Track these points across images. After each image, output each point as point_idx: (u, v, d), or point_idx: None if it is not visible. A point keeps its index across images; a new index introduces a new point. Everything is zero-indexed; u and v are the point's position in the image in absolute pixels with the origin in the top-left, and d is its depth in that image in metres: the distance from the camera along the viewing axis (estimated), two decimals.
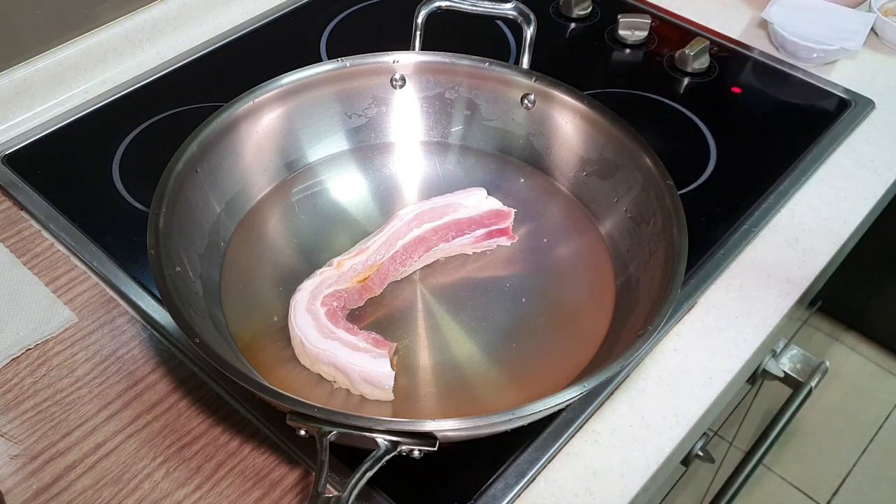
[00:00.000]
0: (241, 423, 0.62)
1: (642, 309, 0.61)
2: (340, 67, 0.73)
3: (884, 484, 1.54)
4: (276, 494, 0.58)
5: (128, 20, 0.91)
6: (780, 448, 1.55)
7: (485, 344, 0.64)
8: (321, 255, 0.69)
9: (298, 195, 0.74)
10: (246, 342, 0.63)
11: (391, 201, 0.75)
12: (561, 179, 0.75)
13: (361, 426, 0.49)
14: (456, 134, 0.78)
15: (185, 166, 0.65)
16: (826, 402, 1.64)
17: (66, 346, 0.66)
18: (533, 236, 0.72)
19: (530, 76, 0.73)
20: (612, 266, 0.69)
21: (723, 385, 0.66)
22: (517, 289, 0.68)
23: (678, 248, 0.60)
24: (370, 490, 0.57)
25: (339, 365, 0.60)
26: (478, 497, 0.58)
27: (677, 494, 0.94)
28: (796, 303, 0.72)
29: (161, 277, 0.57)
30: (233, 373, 0.52)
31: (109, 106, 0.87)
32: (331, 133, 0.76)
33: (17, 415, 0.62)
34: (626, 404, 0.64)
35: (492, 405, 0.60)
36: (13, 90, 0.84)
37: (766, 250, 0.75)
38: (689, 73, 0.91)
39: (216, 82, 0.90)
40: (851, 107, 0.88)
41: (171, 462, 0.59)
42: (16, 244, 0.73)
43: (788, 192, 0.79)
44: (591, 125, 0.72)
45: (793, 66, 0.93)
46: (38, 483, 0.58)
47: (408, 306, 0.67)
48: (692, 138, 0.84)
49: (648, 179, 0.66)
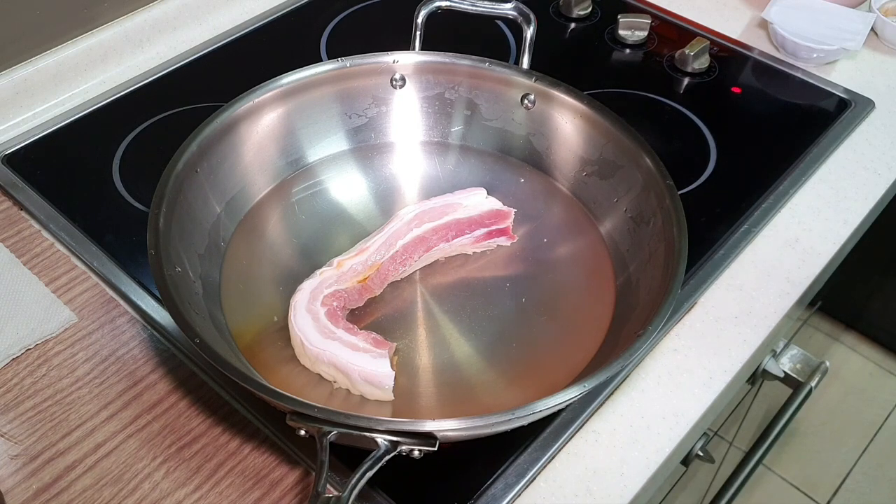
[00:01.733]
0: (241, 423, 0.62)
1: (642, 309, 0.61)
2: (340, 67, 0.73)
3: (884, 484, 1.54)
4: (276, 494, 0.58)
5: (128, 20, 0.91)
6: (780, 448, 1.55)
7: (485, 344, 0.64)
8: (321, 255, 0.69)
9: (298, 195, 0.74)
10: (246, 342, 0.63)
11: (391, 201, 0.75)
12: (561, 179, 0.75)
13: (361, 426, 0.49)
14: (456, 134, 0.78)
15: (185, 166, 0.65)
16: (826, 402, 1.64)
17: (66, 346, 0.66)
18: (533, 236, 0.72)
19: (530, 76, 0.73)
20: (612, 266, 0.69)
21: (723, 385, 0.66)
22: (517, 289, 0.68)
23: (678, 248, 0.60)
24: (370, 490, 0.57)
25: (339, 365, 0.60)
26: (478, 497, 0.58)
27: (677, 494, 0.94)
28: (796, 303, 0.72)
29: (161, 278, 0.57)
30: (233, 373, 0.52)
31: (109, 106, 0.87)
32: (331, 133, 0.76)
33: (17, 415, 0.62)
34: (626, 404, 0.64)
35: (492, 405, 0.60)
36: (13, 90, 0.84)
37: (766, 250, 0.75)
38: (689, 73, 0.91)
39: (216, 82, 0.90)
40: (851, 107, 0.88)
41: (171, 462, 0.59)
42: (16, 244, 0.73)
43: (788, 192, 0.79)
44: (591, 125, 0.72)
45: (793, 66, 0.93)
46: (38, 483, 0.58)
47: (408, 306, 0.67)
48: (692, 138, 0.84)
49: (648, 179, 0.66)
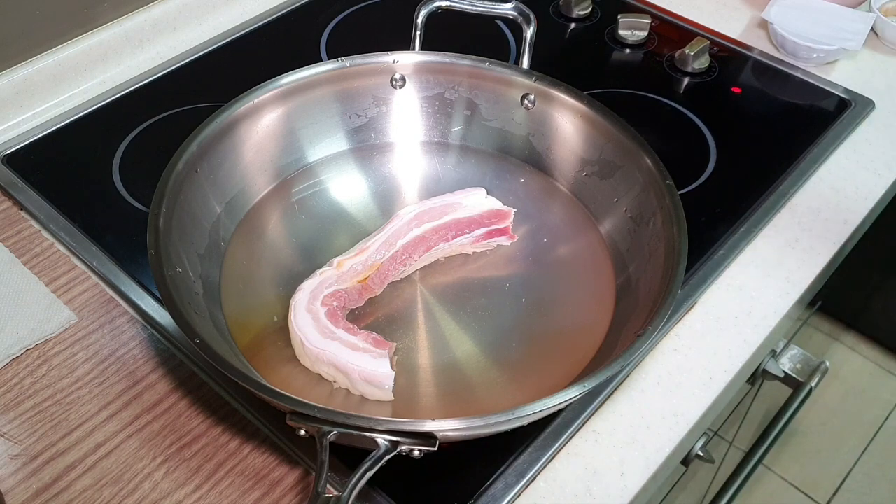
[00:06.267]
0: (241, 423, 0.62)
1: (642, 309, 0.61)
2: (340, 67, 0.73)
3: (884, 484, 1.54)
4: (276, 494, 0.58)
5: (128, 20, 0.91)
6: (780, 448, 1.55)
7: (485, 344, 0.64)
8: (321, 255, 0.69)
9: (298, 195, 0.74)
10: (246, 342, 0.63)
11: (391, 201, 0.75)
12: (561, 179, 0.75)
13: (361, 426, 0.49)
14: (456, 134, 0.78)
15: (185, 166, 0.65)
16: (826, 402, 1.63)
17: (66, 346, 0.66)
18: (533, 236, 0.72)
19: (530, 76, 0.73)
20: (612, 266, 0.69)
21: (723, 385, 0.66)
22: (517, 289, 0.68)
23: (678, 248, 0.60)
24: (370, 490, 0.57)
25: (339, 365, 0.60)
26: (478, 497, 0.58)
27: (677, 494, 0.94)
28: (796, 303, 0.72)
29: (161, 278, 0.57)
30: (233, 373, 0.52)
31: (109, 106, 0.87)
32: (331, 133, 0.76)
33: (17, 415, 0.62)
34: (626, 404, 0.64)
35: (492, 405, 0.60)
36: (13, 90, 0.84)
37: (766, 250, 0.75)
38: (689, 73, 0.91)
39: (216, 82, 0.89)
40: (851, 107, 0.88)
41: (171, 462, 0.59)
42: (16, 244, 0.73)
43: (788, 192, 0.79)
44: (591, 125, 0.72)
45: (793, 66, 0.93)
46: (38, 483, 0.58)
47: (408, 306, 0.67)
48: (692, 138, 0.84)
49: (648, 179, 0.66)
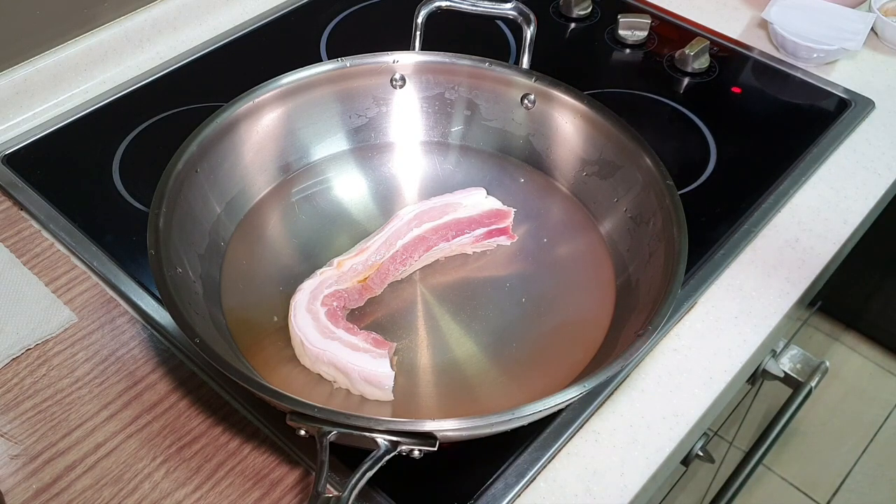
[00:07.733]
0: (241, 423, 0.62)
1: (642, 309, 0.61)
2: (340, 67, 0.73)
3: (884, 484, 1.54)
4: (276, 494, 0.58)
5: (128, 20, 0.91)
6: (780, 448, 1.55)
7: (485, 344, 0.64)
8: (321, 255, 0.69)
9: (298, 195, 0.74)
10: (246, 342, 0.63)
11: (391, 201, 0.75)
12: (561, 179, 0.75)
13: (361, 426, 0.49)
14: (456, 134, 0.78)
15: (185, 166, 0.65)
16: (826, 402, 1.64)
17: (66, 346, 0.66)
18: (533, 236, 0.72)
19: (530, 76, 0.73)
20: (612, 266, 0.69)
21: (723, 385, 0.66)
22: (517, 289, 0.68)
23: (678, 248, 0.60)
24: (370, 490, 0.57)
25: (339, 365, 0.60)
26: (478, 497, 0.58)
27: (677, 494, 0.94)
28: (796, 303, 0.72)
29: (161, 278, 0.57)
30: (233, 373, 0.52)
31: (109, 106, 0.87)
32: (331, 133, 0.76)
33: (17, 415, 0.62)
34: (626, 404, 0.64)
35: (492, 405, 0.60)
36: (13, 90, 0.84)
37: (766, 250, 0.75)
38: (689, 73, 0.91)
39: (216, 82, 0.89)
40: (851, 107, 0.88)
41: (171, 462, 0.59)
42: (16, 244, 0.73)
43: (788, 192, 0.79)
44: (591, 125, 0.72)
45: (793, 66, 0.93)
46: (38, 483, 0.58)
47: (408, 306, 0.67)
48: (692, 138, 0.84)
49: (648, 179, 0.66)
